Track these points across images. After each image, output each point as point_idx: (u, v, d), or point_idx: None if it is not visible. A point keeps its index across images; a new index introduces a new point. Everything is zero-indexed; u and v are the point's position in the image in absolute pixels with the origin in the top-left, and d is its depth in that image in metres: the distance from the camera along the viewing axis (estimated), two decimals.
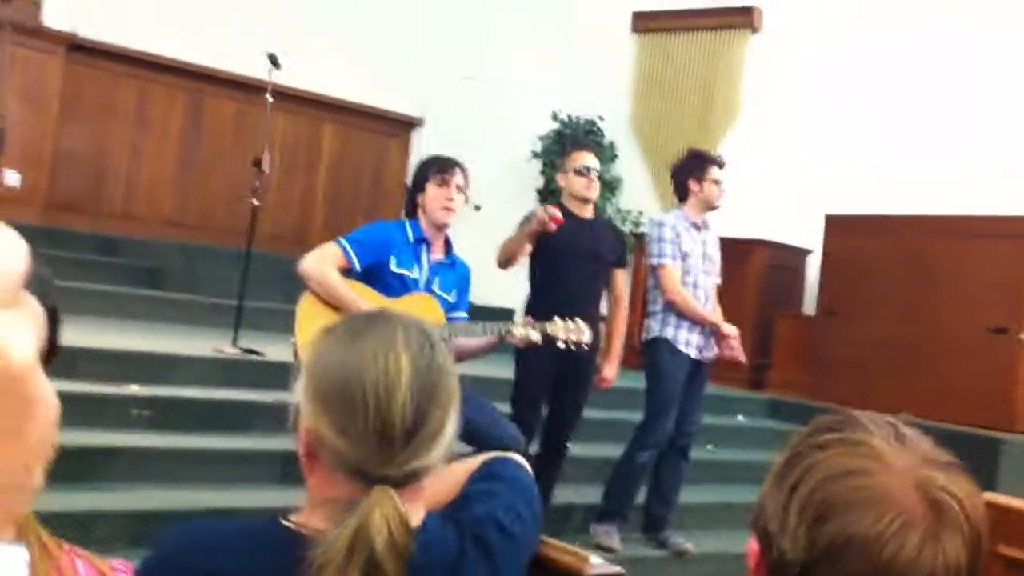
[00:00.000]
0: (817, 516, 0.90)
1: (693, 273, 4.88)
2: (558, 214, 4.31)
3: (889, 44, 7.63)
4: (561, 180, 4.79)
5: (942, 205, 6.80)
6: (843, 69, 7.82)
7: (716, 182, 4.89)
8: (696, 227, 4.93)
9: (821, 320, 7.18)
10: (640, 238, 7.12)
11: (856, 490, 0.90)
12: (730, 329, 4.92)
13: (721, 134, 8.40)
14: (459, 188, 3.93)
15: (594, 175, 4.71)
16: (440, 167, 3.95)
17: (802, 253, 7.78)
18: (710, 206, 4.94)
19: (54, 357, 0.83)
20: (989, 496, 2.91)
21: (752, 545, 0.97)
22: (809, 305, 7.63)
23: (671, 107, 8.76)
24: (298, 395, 1.27)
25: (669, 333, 4.84)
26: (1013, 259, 6.29)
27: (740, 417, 6.81)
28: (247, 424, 4.58)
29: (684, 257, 4.84)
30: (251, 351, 5.19)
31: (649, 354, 4.94)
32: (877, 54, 7.67)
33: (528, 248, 4.50)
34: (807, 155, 7.81)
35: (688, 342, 4.85)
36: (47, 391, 0.69)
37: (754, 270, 7.50)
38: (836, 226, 7.16)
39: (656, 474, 4.97)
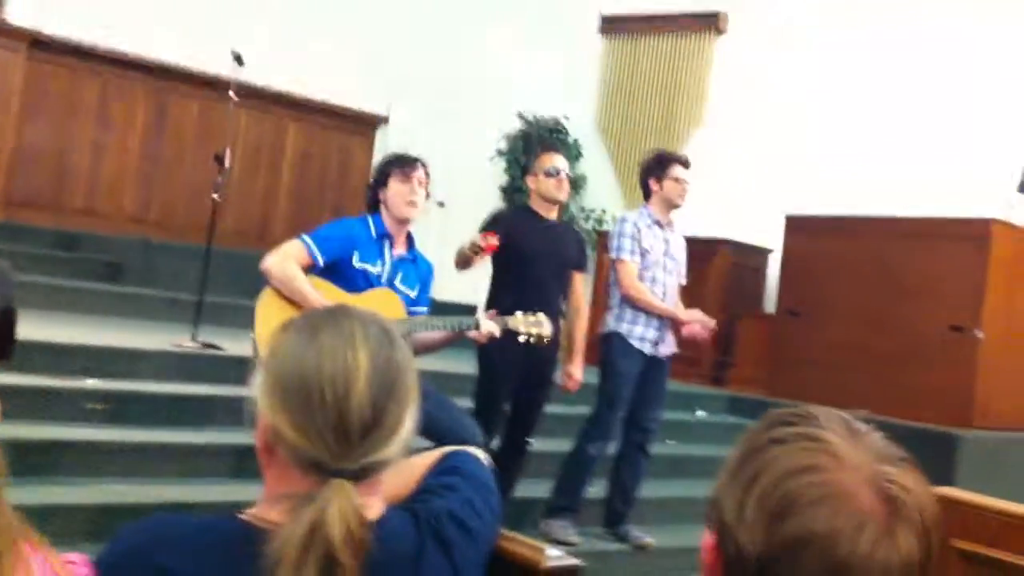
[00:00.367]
0: (776, 511, 0.91)
1: (652, 269, 4.91)
2: (493, 243, 4.26)
3: (851, 47, 7.72)
4: (531, 182, 4.78)
5: (902, 207, 6.87)
6: (806, 72, 7.90)
7: (677, 180, 4.92)
8: (660, 225, 4.96)
9: (782, 319, 7.24)
10: (604, 236, 7.16)
11: (814, 486, 0.90)
12: (689, 314, 4.96)
13: (686, 135, 8.46)
14: (421, 183, 3.94)
15: (563, 176, 4.72)
16: (401, 163, 3.96)
17: (764, 253, 7.84)
18: (671, 204, 4.97)
19: (7, 354, 0.78)
20: (945, 490, 2.95)
21: (707, 539, 0.97)
22: (771, 304, 7.69)
23: (637, 108, 8.81)
24: (256, 390, 1.27)
25: (623, 328, 4.87)
26: (971, 260, 6.36)
27: (700, 413, 6.86)
28: (205, 418, 4.56)
29: (644, 254, 4.87)
30: (210, 345, 5.17)
31: (603, 348, 4.97)
32: (839, 57, 7.76)
33: (477, 261, 4.49)
34: (771, 156, 7.89)
35: (643, 337, 4.88)
36: None
37: (717, 269, 7.56)
38: (796, 226, 7.22)
39: (616, 470, 5.00)
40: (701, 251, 7.35)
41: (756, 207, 7.74)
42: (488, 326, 3.81)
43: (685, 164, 5.02)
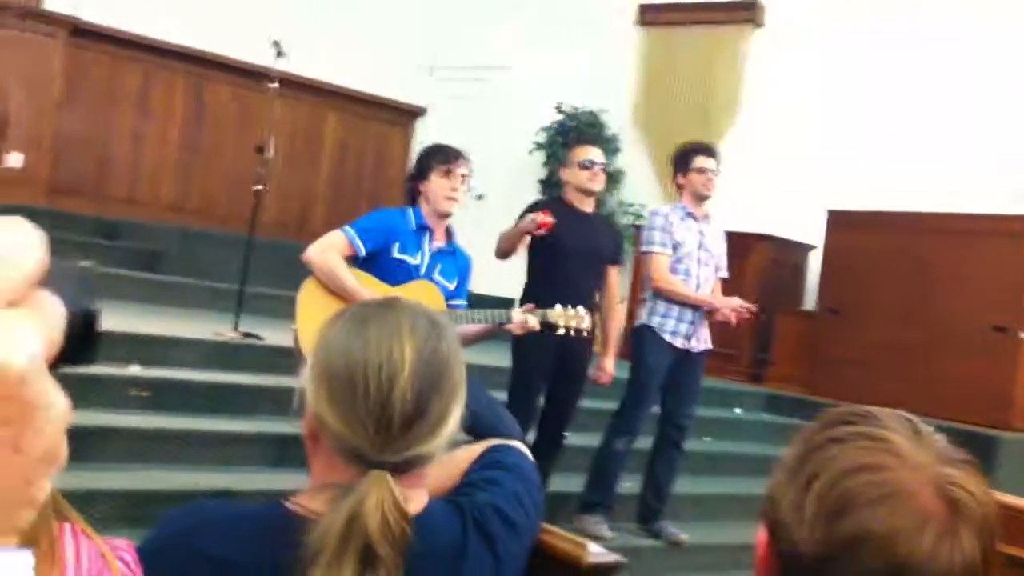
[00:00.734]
0: (834, 510, 0.90)
1: (685, 262, 4.87)
2: (548, 220, 4.29)
3: (893, 40, 7.62)
4: (565, 175, 4.78)
5: (945, 203, 6.80)
6: (846, 65, 7.82)
7: (701, 170, 4.88)
8: (693, 218, 4.92)
9: (822, 317, 7.18)
10: (640, 230, 7.13)
11: (874, 485, 0.90)
12: (725, 301, 4.89)
13: (724, 128, 8.40)
14: (463, 178, 3.94)
15: (599, 169, 4.71)
16: (444, 157, 3.94)
17: (804, 249, 7.77)
18: (700, 195, 4.91)
19: (89, 359, 0.75)
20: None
21: (761, 535, 0.97)
22: (810, 301, 7.64)
23: (674, 100, 8.76)
24: (304, 379, 1.28)
25: (655, 322, 4.84)
26: (1014, 258, 6.29)
27: (737, 410, 6.83)
28: (245, 407, 4.59)
29: (676, 247, 4.84)
30: (251, 335, 5.20)
31: (634, 342, 4.96)
32: (880, 50, 7.67)
33: (525, 241, 4.51)
34: (810, 150, 7.81)
35: (675, 331, 4.83)
36: (53, 397, 0.61)
37: (756, 265, 7.50)
38: (838, 222, 7.17)
39: (650, 466, 4.98)
40: (739, 246, 7.29)
41: (795, 202, 7.67)
42: (524, 319, 3.81)
43: (708, 152, 4.97)
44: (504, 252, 4.54)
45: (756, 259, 7.49)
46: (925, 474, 0.90)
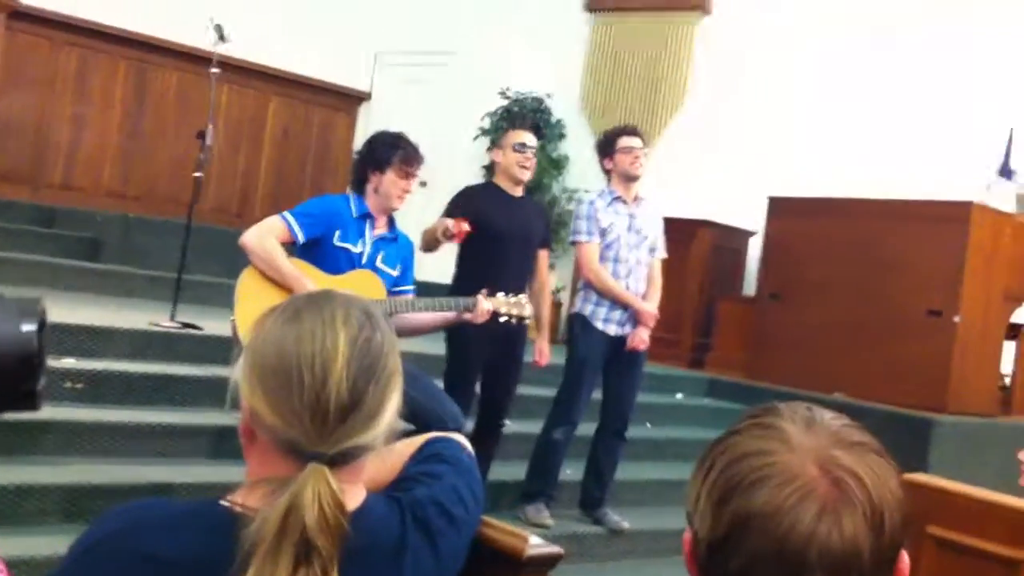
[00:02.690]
0: (722, 496, 0.92)
1: (615, 248, 4.85)
2: (464, 228, 4.25)
3: (834, 31, 7.71)
4: (497, 156, 4.74)
5: (883, 189, 6.90)
6: (790, 53, 7.89)
7: (627, 150, 4.86)
8: (622, 201, 4.92)
9: (763, 302, 7.26)
10: None
11: (757, 469, 0.91)
12: (647, 308, 4.88)
13: (669, 114, 8.46)
14: (416, 178, 3.94)
15: (530, 153, 4.67)
16: (405, 158, 3.88)
17: (746, 235, 7.85)
18: (628, 176, 4.89)
19: (30, 405, 0.64)
20: (919, 476, 2.97)
21: (686, 535, 0.99)
22: (751, 287, 7.72)
23: (621, 87, 8.79)
24: (238, 373, 1.27)
25: (587, 310, 4.86)
26: (951, 243, 6.39)
27: (679, 396, 6.89)
28: (183, 399, 4.54)
29: (603, 233, 4.83)
30: (189, 325, 5.14)
31: (568, 330, 4.98)
32: (823, 38, 7.75)
33: (442, 243, 4.47)
34: (753, 137, 7.89)
35: (607, 319, 4.84)
36: None
37: (698, 251, 7.57)
38: (778, 208, 7.23)
39: (592, 454, 5.01)
40: (682, 232, 7.38)
41: (738, 189, 7.75)
42: (486, 305, 3.81)
43: (632, 133, 4.95)
44: (426, 249, 4.48)
45: (698, 245, 7.56)
46: (810, 456, 0.91)
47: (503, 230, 4.51)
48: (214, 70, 5.74)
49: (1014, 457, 2.92)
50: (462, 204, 4.54)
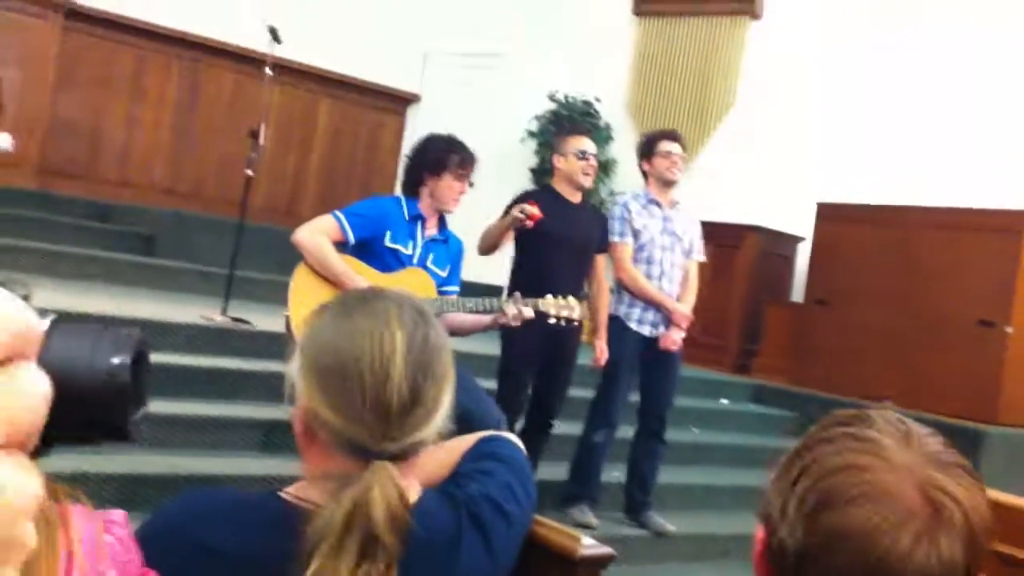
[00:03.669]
0: (816, 507, 0.91)
1: (648, 249, 4.87)
2: (536, 211, 4.29)
3: (889, 35, 7.64)
4: (559, 162, 4.73)
5: (935, 197, 6.83)
6: (841, 58, 7.83)
7: (666, 155, 4.88)
8: (657, 204, 4.93)
9: (810, 308, 7.21)
10: None
11: (856, 485, 0.91)
12: (681, 309, 4.88)
13: (717, 119, 8.42)
14: (471, 181, 3.97)
15: (592, 160, 4.70)
16: (462, 162, 3.91)
17: (794, 240, 7.79)
18: (665, 180, 4.91)
19: (123, 435, 0.64)
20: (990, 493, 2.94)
21: (759, 533, 0.98)
22: (799, 293, 7.67)
23: (669, 91, 8.77)
24: (293, 373, 1.27)
25: (621, 311, 4.87)
26: (1003, 253, 6.31)
27: (724, 401, 6.86)
28: (234, 392, 4.60)
29: (637, 234, 4.85)
30: (240, 320, 5.21)
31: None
32: (875, 44, 7.69)
33: (509, 238, 4.49)
34: (802, 143, 7.84)
35: (641, 320, 4.86)
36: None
37: (745, 256, 7.53)
38: (827, 214, 7.18)
39: (633, 458, 5.00)
40: (730, 238, 7.36)
41: (787, 194, 7.70)
42: (521, 311, 3.79)
43: (673, 138, 4.96)
44: (487, 249, 4.49)
45: (746, 250, 7.52)
46: (909, 475, 0.90)
47: (560, 235, 4.50)
48: (268, 71, 5.81)
49: None
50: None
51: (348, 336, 1.24)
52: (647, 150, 4.96)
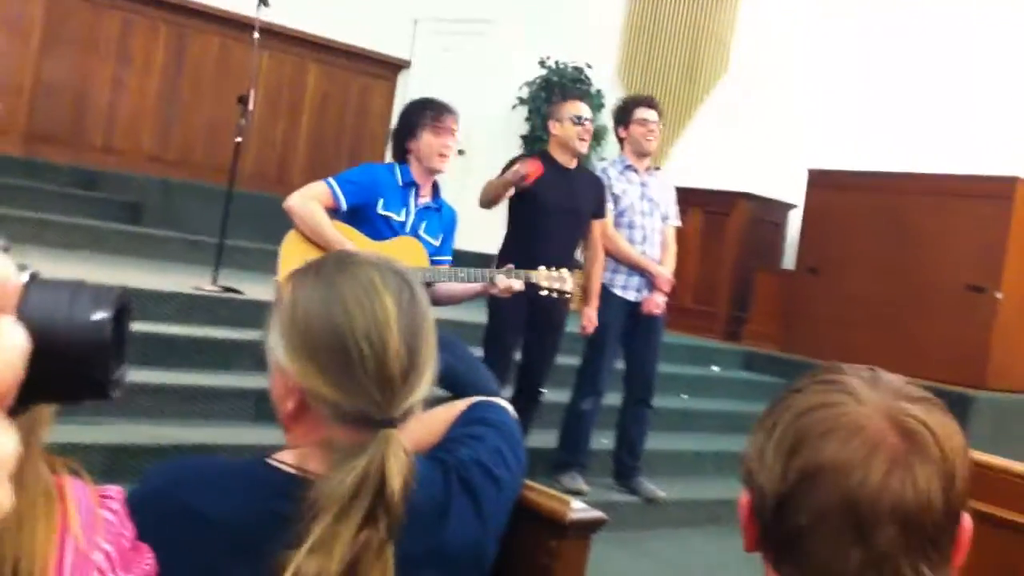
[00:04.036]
0: (790, 449, 0.91)
1: (628, 214, 4.91)
2: (536, 168, 4.26)
3: (877, 2, 7.60)
4: (554, 128, 4.68)
5: (925, 163, 6.82)
6: (831, 27, 7.79)
7: (642, 122, 4.89)
8: (634, 170, 4.94)
9: (801, 276, 7.22)
10: None
11: (826, 420, 0.90)
12: (663, 272, 4.91)
13: (709, 86, 8.38)
14: (453, 133, 3.90)
15: (588, 125, 4.67)
16: (436, 113, 3.85)
17: (785, 208, 7.79)
18: (641, 149, 4.93)
19: (101, 392, 0.61)
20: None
21: (743, 498, 0.97)
22: (789, 260, 7.67)
23: (660, 58, 8.72)
24: (277, 347, 1.25)
25: (606, 277, 4.88)
26: (992, 219, 6.33)
27: (715, 368, 6.87)
28: (224, 362, 4.59)
29: (616, 200, 4.88)
30: (231, 289, 5.19)
31: None
32: (866, 10, 7.65)
33: (509, 192, 4.48)
34: (794, 110, 7.81)
35: (626, 286, 4.90)
36: None
37: (736, 224, 7.52)
38: (818, 181, 7.18)
39: (621, 424, 5.04)
40: (720, 204, 7.35)
41: (778, 162, 7.68)
42: (511, 283, 3.76)
43: (649, 104, 4.96)
44: (488, 202, 4.48)
45: (736, 217, 7.51)
46: (878, 408, 0.90)
47: (553, 202, 4.49)
48: (255, 36, 5.74)
49: None
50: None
51: (338, 308, 1.22)
52: (623, 117, 4.98)
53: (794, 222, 7.68)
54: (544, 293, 3.88)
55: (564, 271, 3.95)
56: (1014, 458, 3.07)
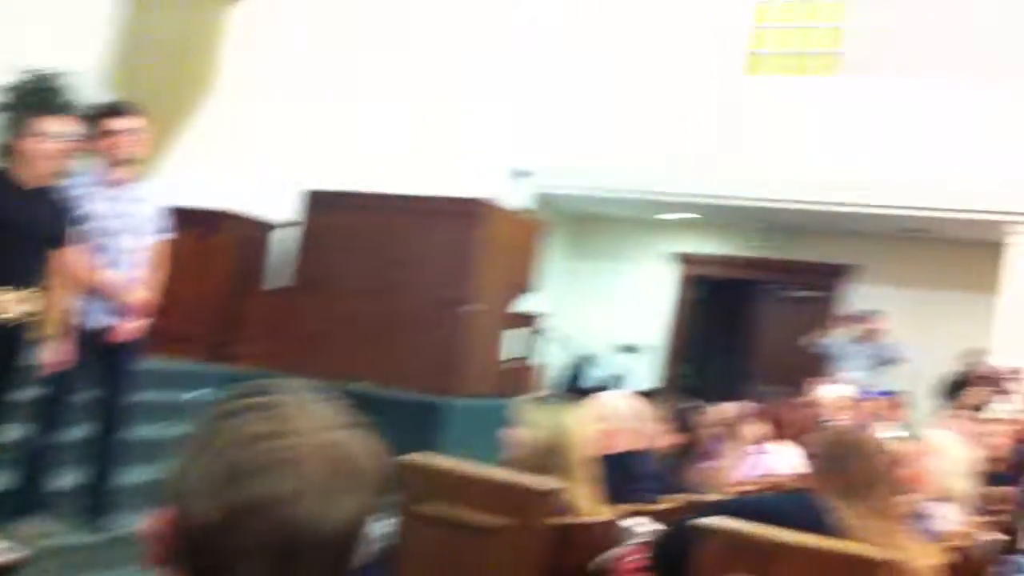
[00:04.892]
0: (226, 479, 0.92)
1: (97, 235, 4.59)
2: None
3: (362, 20, 7.91)
4: (22, 144, 4.23)
5: (415, 186, 7.18)
6: (322, 43, 7.97)
7: (107, 133, 4.62)
8: (106, 184, 4.66)
9: (290, 293, 7.30)
10: None
11: (261, 454, 0.93)
12: (134, 297, 4.65)
13: (195, 102, 8.21)
14: None
15: (63, 144, 4.26)
16: None
17: (273, 227, 7.82)
18: (114, 160, 4.66)
19: None
20: (417, 458, 3.10)
21: (166, 512, 0.96)
22: (281, 279, 7.72)
23: (148, 68, 8.39)
24: None
25: (70, 303, 4.58)
26: (462, 238, 6.86)
27: (199, 392, 6.68)
28: None
29: (82, 219, 4.51)
30: None
31: None
32: (354, 31, 7.92)
33: None
34: (284, 129, 7.88)
35: (88, 312, 4.58)
36: None
37: (224, 242, 7.44)
38: (312, 201, 7.37)
39: (88, 458, 4.75)
40: (206, 222, 7.24)
41: (268, 180, 7.71)
42: None
43: (118, 112, 4.70)
44: None
45: (223, 237, 7.43)
46: (311, 439, 0.94)
47: (13, 225, 4.09)
48: None
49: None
50: None
51: None
52: (92, 128, 4.61)
53: (285, 241, 7.74)
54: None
55: (21, 293, 3.68)
56: (483, 458, 3.32)
